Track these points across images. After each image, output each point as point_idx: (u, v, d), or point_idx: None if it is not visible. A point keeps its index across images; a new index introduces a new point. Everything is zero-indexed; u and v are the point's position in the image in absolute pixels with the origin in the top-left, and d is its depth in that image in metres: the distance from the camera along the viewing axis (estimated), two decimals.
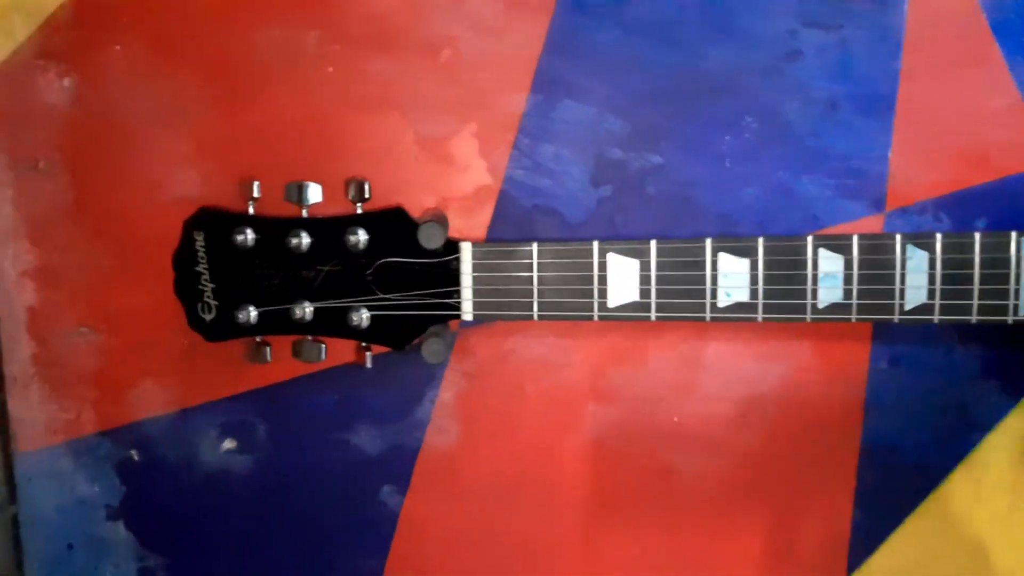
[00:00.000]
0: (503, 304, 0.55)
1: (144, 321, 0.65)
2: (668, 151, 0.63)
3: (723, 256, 0.54)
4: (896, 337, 0.64)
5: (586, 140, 0.63)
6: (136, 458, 0.67)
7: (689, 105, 0.62)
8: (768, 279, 0.54)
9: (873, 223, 0.63)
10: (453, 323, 0.63)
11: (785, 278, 0.54)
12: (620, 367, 0.65)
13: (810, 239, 0.54)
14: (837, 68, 0.62)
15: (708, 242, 0.54)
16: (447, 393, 0.66)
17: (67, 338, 0.66)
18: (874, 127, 0.63)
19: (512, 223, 0.63)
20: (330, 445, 0.66)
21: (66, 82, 0.63)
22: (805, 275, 0.54)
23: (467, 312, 0.55)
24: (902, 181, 0.63)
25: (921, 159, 0.63)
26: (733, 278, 0.54)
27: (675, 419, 0.66)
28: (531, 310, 0.54)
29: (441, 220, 0.52)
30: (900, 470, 0.65)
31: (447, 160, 0.63)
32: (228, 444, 0.66)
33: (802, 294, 0.54)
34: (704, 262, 0.54)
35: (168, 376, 0.66)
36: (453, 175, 0.63)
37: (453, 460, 0.66)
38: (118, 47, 0.63)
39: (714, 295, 0.54)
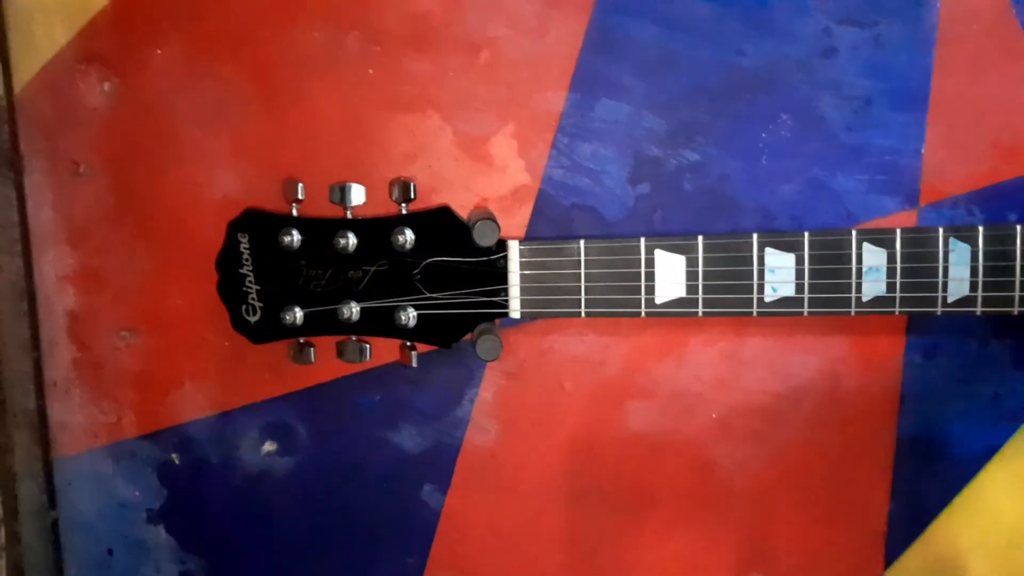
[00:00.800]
0: (550, 301, 0.55)
1: (185, 324, 0.65)
2: (705, 148, 0.63)
3: (769, 251, 0.54)
4: (930, 330, 0.65)
5: (624, 138, 0.63)
6: (177, 461, 0.67)
7: (726, 102, 0.63)
8: (813, 273, 0.54)
9: (907, 218, 0.64)
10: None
11: (830, 272, 0.54)
12: (659, 364, 0.66)
13: (854, 233, 0.54)
14: (871, 64, 0.63)
15: (754, 237, 0.54)
16: (487, 392, 0.66)
17: (108, 342, 0.66)
18: (908, 123, 0.63)
19: (550, 222, 0.64)
20: (371, 445, 0.66)
21: (107, 86, 0.63)
22: (849, 269, 0.54)
23: (515, 310, 0.55)
24: (935, 176, 0.63)
25: (954, 154, 0.63)
26: (779, 273, 0.54)
27: (713, 415, 0.66)
28: (579, 307, 0.55)
29: (493, 218, 0.52)
30: (936, 463, 0.65)
31: (486, 160, 0.64)
32: (269, 446, 0.66)
33: (846, 288, 0.54)
34: (751, 257, 0.54)
35: (209, 379, 0.66)
36: (492, 174, 0.64)
37: (493, 458, 0.66)
38: (159, 50, 0.63)
39: (760, 290, 0.54)
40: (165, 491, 0.68)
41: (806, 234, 0.54)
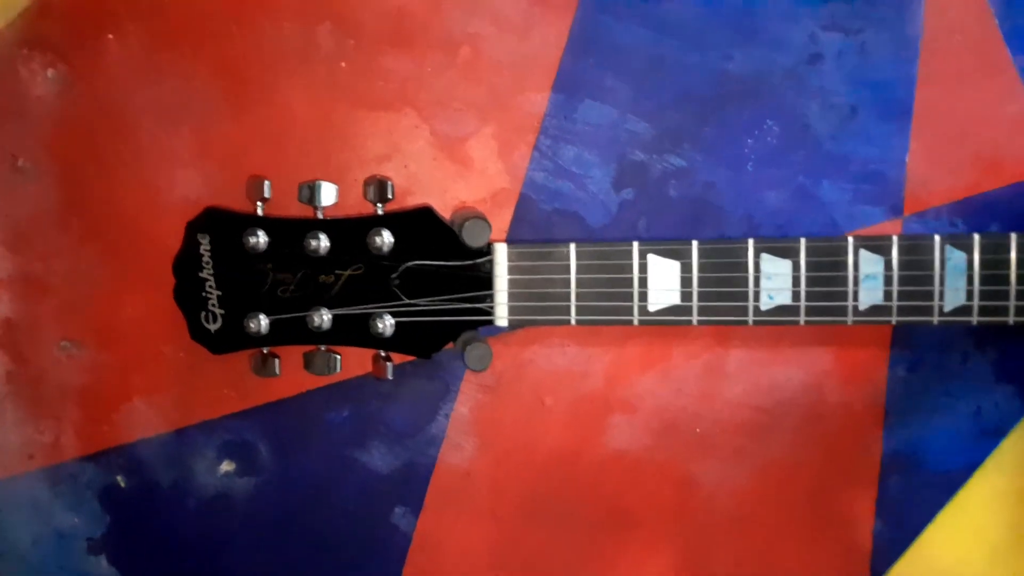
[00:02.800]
0: (539, 308, 0.52)
1: (136, 333, 0.60)
2: (691, 154, 0.62)
3: (765, 257, 0.52)
4: (914, 343, 0.64)
5: (608, 142, 0.61)
6: (123, 484, 0.62)
7: (712, 108, 0.61)
8: (810, 281, 0.53)
9: (892, 228, 0.63)
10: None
11: (826, 280, 0.53)
12: (642, 376, 0.63)
13: (851, 239, 0.53)
14: (856, 73, 0.62)
15: (751, 243, 0.52)
16: (463, 407, 0.62)
17: (48, 353, 0.60)
18: (892, 132, 0.63)
19: (531, 227, 0.61)
20: (338, 464, 0.62)
21: (51, 73, 0.58)
22: (846, 276, 0.53)
23: (501, 317, 0.52)
24: (919, 186, 0.63)
25: (937, 165, 0.63)
26: (775, 280, 0.52)
27: (697, 430, 0.64)
28: (568, 314, 0.52)
29: (483, 217, 0.49)
30: (920, 478, 0.64)
31: (465, 161, 0.61)
32: (226, 466, 0.62)
33: (843, 296, 0.53)
34: (746, 263, 0.52)
35: (161, 393, 0.61)
36: (471, 177, 0.61)
37: (469, 478, 0.63)
38: (111, 35, 0.58)
39: (756, 298, 0.52)
40: (108, 517, 0.62)
41: (802, 240, 0.53)
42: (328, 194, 0.53)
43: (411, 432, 0.62)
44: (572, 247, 0.51)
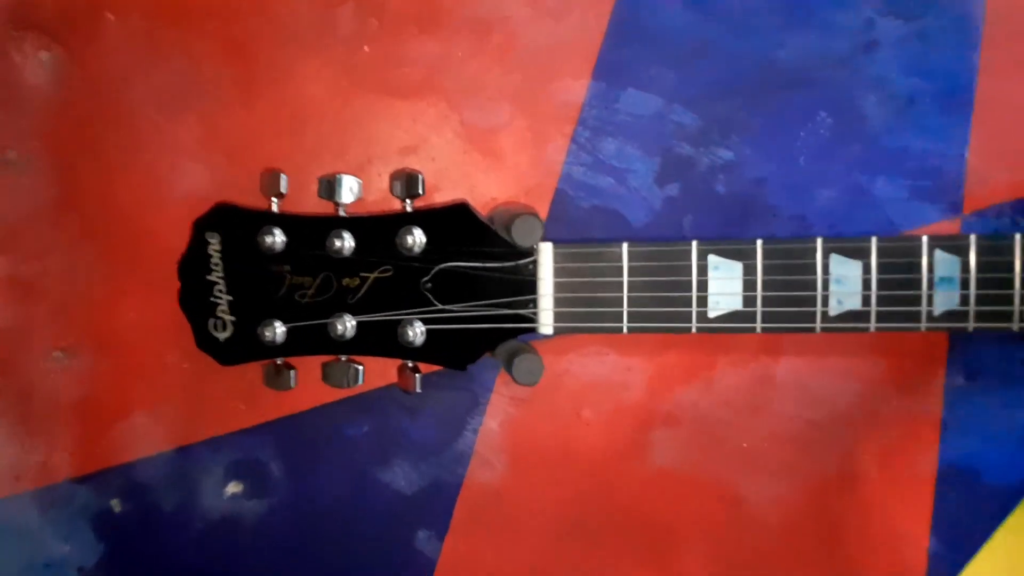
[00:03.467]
0: (587, 315, 0.47)
1: (134, 342, 0.56)
2: (740, 147, 0.58)
3: (835, 258, 0.48)
4: (972, 350, 0.60)
5: (652, 134, 0.57)
6: (118, 509, 0.57)
7: (762, 98, 0.58)
8: (881, 284, 0.48)
9: (950, 227, 0.59)
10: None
11: (898, 283, 0.48)
12: (685, 387, 0.59)
13: (925, 239, 0.48)
14: (915, 61, 0.58)
15: (819, 242, 0.48)
16: (493, 421, 0.58)
17: (39, 364, 0.55)
18: (952, 125, 0.59)
19: (568, 226, 0.57)
20: (357, 484, 0.58)
21: (45, 57, 0.53)
22: (920, 279, 0.48)
23: (546, 324, 0.47)
24: (979, 182, 0.59)
25: (999, 159, 0.59)
26: (845, 283, 0.48)
27: (744, 444, 0.60)
28: (620, 321, 0.47)
29: (535, 213, 0.44)
30: (978, 492, 0.61)
31: (496, 154, 0.56)
32: (234, 487, 0.57)
33: (916, 300, 0.48)
34: (814, 265, 0.48)
35: (163, 407, 0.57)
36: (503, 171, 0.57)
37: (499, 498, 0.59)
38: (110, 15, 0.53)
39: (825, 302, 0.48)
40: (102, 545, 0.58)
41: (874, 239, 0.48)
42: (351, 189, 0.49)
43: (436, 449, 0.58)
44: (624, 247, 0.47)
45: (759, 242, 0.48)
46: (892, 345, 0.60)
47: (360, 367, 0.50)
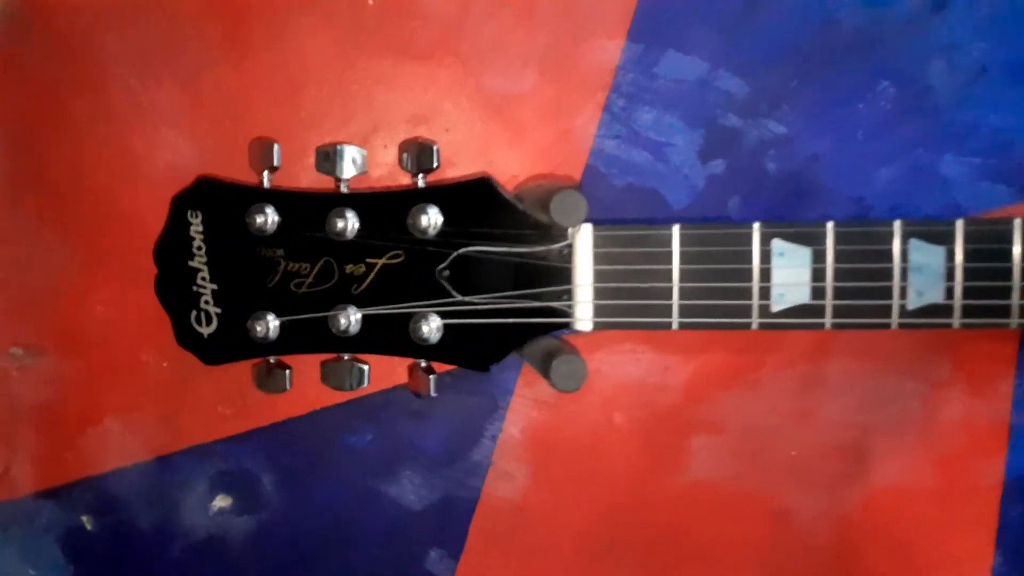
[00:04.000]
0: (631, 308, 0.41)
1: (105, 337, 0.51)
2: (792, 119, 0.52)
3: (914, 244, 0.42)
4: None
5: (695, 103, 0.51)
6: (89, 527, 0.52)
7: (818, 64, 0.52)
8: (968, 274, 0.42)
9: (1022, 211, 0.53)
10: None
11: (986, 272, 0.43)
12: (729, 390, 0.53)
13: (1018, 223, 0.42)
14: (987, 25, 0.53)
15: (897, 225, 0.42)
16: (514, 427, 0.53)
17: None
18: None
19: (600, 206, 0.51)
20: (360, 499, 0.53)
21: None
22: (1009, 268, 0.42)
23: (584, 319, 0.41)
24: None
25: None
26: (926, 272, 0.42)
27: (792, 453, 0.54)
28: (669, 315, 0.41)
29: (577, 187, 0.38)
30: None
31: (519, 125, 0.51)
32: (220, 502, 0.53)
33: (1005, 292, 0.42)
34: (890, 251, 0.42)
35: (139, 412, 0.52)
36: (526, 145, 0.51)
37: (520, 514, 0.54)
38: None
39: (903, 294, 0.42)
40: (72, 567, 0.53)
41: (959, 222, 0.42)
42: (353, 161, 0.43)
43: (450, 459, 0.53)
44: (676, 229, 0.41)
45: (830, 224, 0.41)
46: (956, 342, 0.54)
47: (365, 367, 0.45)
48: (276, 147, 0.43)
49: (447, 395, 0.52)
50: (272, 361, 0.45)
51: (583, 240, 0.41)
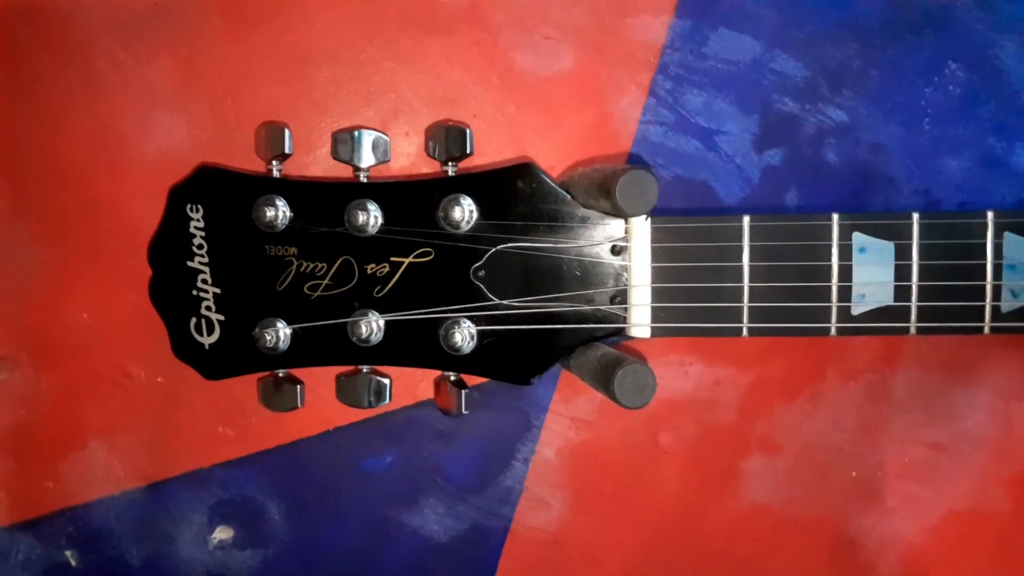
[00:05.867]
0: (696, 312, 0.36)
1: (91, 349, 0.46)
2: (853, 105, 0.47)
3: (1009, 238, 0.37)
4: None
5: (749, 86, 0.46)
6: (74, 563, 0.47)
7: (881, 44, 0.48)
8: None
9: None
10: None
11: None
12: (787, 405, 0.48)
13: None
14: None
15: (989, 216, 0.37)
16: (548, 449, 0.48)
17: None
18: None
19: None
20: (378, 530, 0.48)
21: None
22: None
23: (641, 324, 0.36)
24: None
25: None
26: (1022, 271, 0.37)
27: (853, 474, 0.49)
28: (740, 320, 0.36)
29: (648, 168, 0.33)
30: None
31: (555, 109, 0.46)
32: (221, 534, 0.48)
33: None
34: (983, 246, 0.37)
35: (128, 434, 0.47)
36: (562, 131, 0.46)
37: (557, 546, 0.48)
38: None
39: (997, 294, 0.37)
40: None
41: None
42: (375, 148, 0.39)
43: (478, 484, 0.48)
44: (746, 221, 0.36)
45: (916, 216, 0.37)
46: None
47: (386, 381, 0.40)
48: (287, 132, 0.39)
49: (476, 413, 0.46)
50: (281, 375, 0.40)
51: (640, 234, 0.36)
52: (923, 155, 0.48)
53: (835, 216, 0.36)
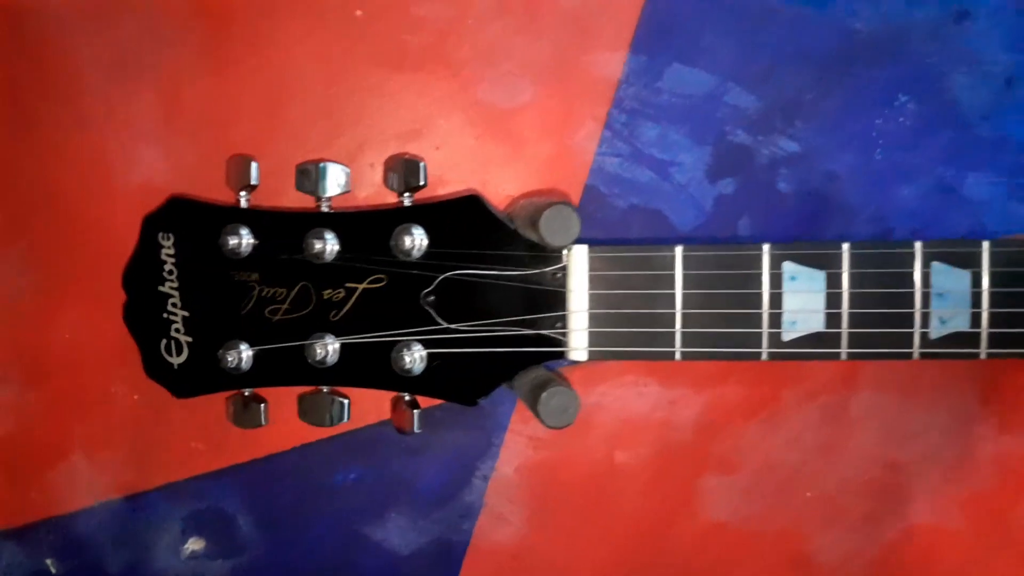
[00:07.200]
0: (631, 337, 0.38)
1: (72, 367, 0.48)
2: (806, 136, 0.48)
3: (937, 267, 0.38)
4: None
5: (702, 119, 0.48)
6: (54, 570, 0.49)
7: (834, 77, 0.49)
8: (995, 299, 0.39)
9: None
10: None
11: (1016, 298, 0.39)
12: (745, 425, 0.49)
13: None
14: (1014, 34, 0.49)
15: (918, 247, 0.38)
16: (508, 467, 0.49)
17: None
18: None
19: (601, 228, 0.48)
20: (343, 542, 0.49)
21: None
22: None
23: (578, 348, 0.38)
24: None
25: None
26: (950, 299, 0.38)
27: (808, 494, 0.50)
28: (672, 345, 0.38)
29: (569, 203, 0.35)
30: None
31: (515, 141, 0.48)
32: (194, 544, 0.49)
33: None
34: (911, 275, 0.38)
35: (108, 448, 0.48)
36: (522, 162, 0.48)
37: (517, 560, 0.50)
38: None
39: (925, 322, 0.38)
40: None
41: (986, 244, 0.39)
42: (337, 179, 0.41)
43: (440, 500, 0.49)
44: (679, 251, 0.37)
45: (846, 246, 0.38)
46: (989, 373, 0.50)
47: (345, 401, 0.41)
48: (254, 165, 0.41)
49: (439, 431, 0.48)
50: (247, 394, 0.42)
51: (578, 262, 0.37)
52: (875, 185, 0.49)
53: (766, 246, 0.38)
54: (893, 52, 0.49)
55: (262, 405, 0.41)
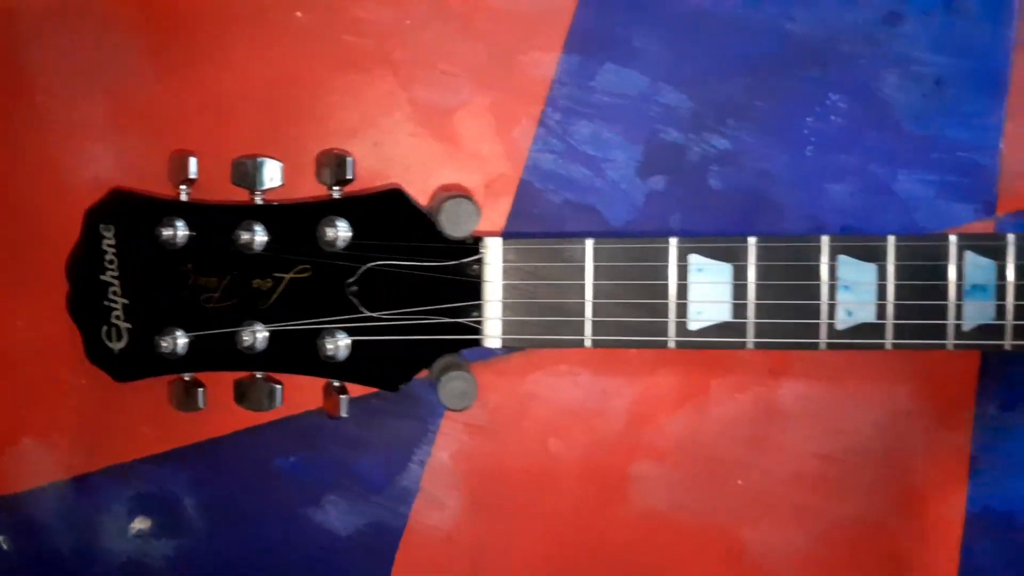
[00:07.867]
0: (543, 325, 0.39)
1: (23, 355, 0.49)
2: (737, 134, 0.50)
3: (843, 260, 0.40)
4: (1007, 373, 0.52)
5: (634, 117, 0.50)
6: (5, 547, 0.50)
7: (765, 77, 0.50)
8: (901, 292, 0.40)
9: (982, 228, 0.52)
10: None
11: (921, 291, 0.40)
12: (675, 415, 0.51)
13: (953, 239, 0.40)
14: (943, 37, 0.51)
15: (824, 241, 0.40)
16: (443, 452, 0.51)
17: None
18: (984, 111, 0.51)
19: (535, 223, 0.50)
20: (283, 523, 0.51)
21: None
22: (946, 287, 0.40)
23: (492, 336, 0.39)
24: (1015, 178, 0.52)
25: None
26: (856, 291, 0.40)
27: (739, 482, 0.52)
28: (582, 333, 0.39)
29: (470, 198, 0.36)
30: (1012, 539, 0.53)
31: (452, 139, 0.49)
32: (140, 523, 0.50)
33: (941, 312, 0.40)
34: (818, 267, 0.40)
35: (56, 430, 0.50)
36: (459, 159, 0.49)
37: (451, 543, 0.51)
38: None
39: (832, 313, 0.40)
40: None
41: (891, 239, 0.41)
42: (271, 173, 0.42)
43: (377, 484, 0.51)
44: (589, 244, 0.39)
45: (752, 240, 0.40)
46: (915, 366, 0.52)
47: (278, 386, 0.43)
48: (192, 160, 0.42)
49: (377, 417, 0.50)
50: (187, 379, 0.43)
51: (493, 254, 0.39)
52: (805, 182, 0.51)
53: (673, 239, 0.39)
54: (825, 53, 0.50)
55: (200, 390, 0.43)
